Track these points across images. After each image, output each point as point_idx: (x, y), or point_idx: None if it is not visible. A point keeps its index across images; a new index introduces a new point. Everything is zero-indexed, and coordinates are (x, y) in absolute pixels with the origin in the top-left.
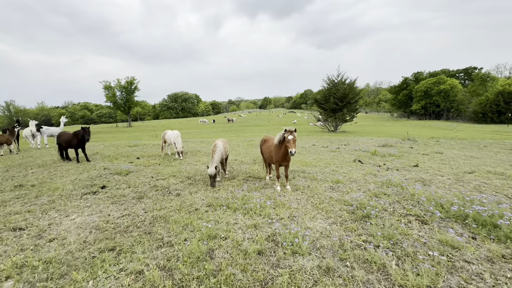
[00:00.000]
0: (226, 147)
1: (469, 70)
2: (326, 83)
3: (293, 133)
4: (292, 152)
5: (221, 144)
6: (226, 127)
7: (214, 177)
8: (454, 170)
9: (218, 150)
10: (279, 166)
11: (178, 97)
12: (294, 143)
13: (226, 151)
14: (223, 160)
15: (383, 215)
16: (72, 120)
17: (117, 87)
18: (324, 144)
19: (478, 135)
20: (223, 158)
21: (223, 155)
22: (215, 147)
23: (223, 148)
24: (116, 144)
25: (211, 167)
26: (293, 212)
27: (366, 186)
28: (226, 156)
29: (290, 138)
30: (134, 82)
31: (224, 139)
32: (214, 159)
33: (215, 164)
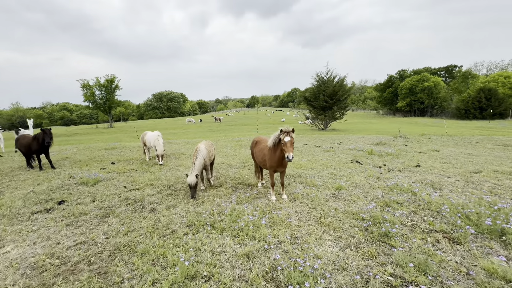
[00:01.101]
0: (211, 151)
1: (450, 68)
2: (315, 80)
3: (290, 134)
4: (289, 157)
5: (205, 147)
6: (213, 126)
7: (194, 187)
8: (458, 170)
9: (201, 155)
10: (274, 172)
11: (164, 97)
12: (291, 146)
13: (211, 155)
14: (207, 166)
15: (403, 230)
16: (51, 122)
17: (96, 85)
18: (316, 143)
19: (465, 131)
20: (206, 164)
21: (206, 160)
22: (197, 151)
23: (206, 152)
24: (92, 147)
25: (190, 176)
26: (294, 231)
27: (372, 192)
28: (211, 161)
29: (287, 140)
30: (115, 80)
31: (208, 142)
32: (195, 165)
33: (196, 171)
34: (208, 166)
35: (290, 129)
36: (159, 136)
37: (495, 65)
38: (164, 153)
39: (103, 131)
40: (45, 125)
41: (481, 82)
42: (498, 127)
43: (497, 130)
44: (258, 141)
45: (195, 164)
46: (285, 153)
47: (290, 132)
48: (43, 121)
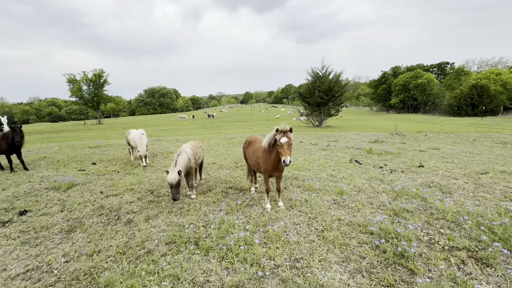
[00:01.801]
0: (197, 153)
1: (442, 65)
2: (311, 76)
3: (287, 134)
4: (286, 161)
5: (190, 149)
6: (206, 123)
7: (176, 186)
8: (463, 170)
9: (184, 153)
10: (269, 177)
11: (156, 92)
12: (289, 148)
13: (198, 158)
14: (192, 170)
15: (420, 247)
16: (38, 118)
17: (83, 80)
18: (312, 140)
19: (460, 128)
20: (192, 166)
21: (191, 161)
22: (181, 150)
23: (192, 153)
24: (75, 145)
25: (171, 173)
26: (293, 250)
27: (378, 198)
28: (198, 163)
29: (284, 141)
30: (103, 75)
31: (196, 143)
32: (178, 162)
33: (178, 167)
34: (193, 169)
35: (287, 128)
36: (143, 135)
37: (485, 62)
38: (147, 153)
39: (91, 128)
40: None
41: (473, 79)
42: (490, 124)
43: (490, 127)
44: (252, 141)
45: (178, 161)
46: (282, 156)
47: (287, 131)
48: (30, 117)
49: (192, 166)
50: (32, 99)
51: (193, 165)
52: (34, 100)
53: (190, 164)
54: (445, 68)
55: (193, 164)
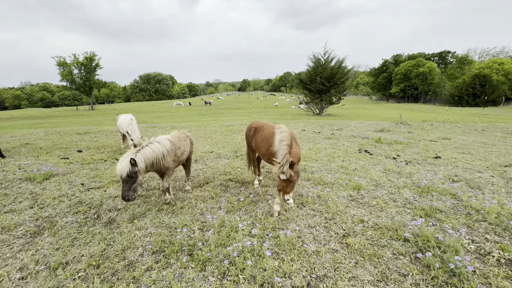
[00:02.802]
0: (181, 147)
1: (443, 54)
2: (312, 62)
3: (287, 171)
4: (285, 198)
5: (168, 141)
6: (203, 110)
7: (127, 181)
8: (485, 162)
9: (156, 147)
10: None
11: (151, 78)
12: (289, 185)
13: (182, 153)
14: (169, 171)
15: (471, 261)
16: (30, 103)
17: (74, 63)
18: (314, 129)
19: (464, 118)
20: (166, 167)
21: (164, 160)
22: (150, 144)
23: (169, 147)
24: (63, 130)
25: (122, 161)
26: (313, 264)
27: (400, 194)
28: (181, 160)
29: (283, 178)
30: (95, 58)
31: (180, 133)
32: (140, 151)
33: (133, 155)
34: (170, 170)
35: (287, 159)
36: (133, 120)
37: (487, 52)
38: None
39: (83, 114)
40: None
41: (476, 68)
42: (493, 114)
43: (494, 117)
44: (258, 127)
45: (140, 151)
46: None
47: (286, 169)
48: (21, 102)
49: (168, 166)
50: (23, 84)
51: (170, 165)
52: (25, 85)
53: (164, 163)
54: (446, 57)
55: (170, 163)
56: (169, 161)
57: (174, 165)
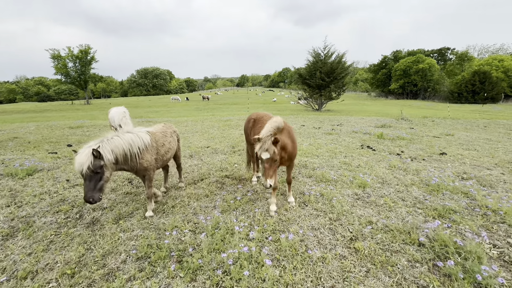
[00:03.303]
0: (165, 144)
1: (443, 51)
2: (312, 56)
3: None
4: (265, 184)
5: (148, 135)
6: (201, 105)
7: (91, 178)
8: (492, 159)
9: (131, 139)
10: (277, 167)
11: (149, 73)
12: (272, 165)
13: (167, 151)
14: (149, 172)
15: (496, 269)
16: (25, 97)
17: (68, 56)
18: (314, 124)
19: (464, 114)
20: (145, 167)
21: (142, 158)
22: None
23: (147, 142)
24: (55, 124)
25: (82, 152)
26: (319, 273)
27: (408, 192)
28: (166, 160)
29: (265, 157)
30: (90, 51)
31: (166, 127)
32: (109, 141)
33: (97, 143)
34: (151, 171)
35: (269, 131)
36: (126, 113)
37: (486, 49)
38: None
39: (78, 108)
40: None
41: (475, 65)
42: (493, 111)
43: (493, 113)
44: (257, 118)
45: (108, 140)
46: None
47: (269, 145)
48: (16, 96)
49: (147, 166)
50: (19, 78)
51: (149, 164)
52: (21, 78)
53: (142, 161)
54: (445, 53)
55: (151, 162)
56: (148, 159)
57: (156, 166)
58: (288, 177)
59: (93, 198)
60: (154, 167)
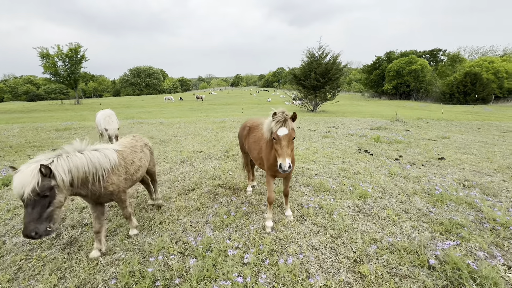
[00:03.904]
0: (134, 161)
1: (435, 52)
2: (307, 57)
3: (287, 122)
4: (283, 166)
5: (115, 152)
6: (194, 105)
7: (40, 199)
8: (491, 164)
9: (89, 158)
10: (273, 178)
11: (141, 72)
12: (289, 145)
13: (137, 169)
14: (120, 194)
15: None
16: (14, 96)
17: (58, 55)
18: (310, 126)
19: (458, 115)
20: (110, 191)
21: (105, 181)
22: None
23: (115, 159)
24: (41, 126)
25: (25, 169)
26: None
27: (411, 203)
28: (136, 180)
29: (282, 133)
30: (80, 50)
31: (135, 140)
32: (64, 155)
33: (48, 158)
34: (114, 193)
35: (287, 113)
36: (112, 115)
37: (476, 50)
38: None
39: (68, 108)
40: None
41: (467, 66)
42: (484, 112)
43: (485, 115)
44: (252, 126)
45: (65, 157)
46: (278, 157)
47: (287, 119)
48: (4, 95)
49: (114, 191)
50: (6, 76)
51: (116, 188)
52: (9, 77)
53: (107, 185)
54: (437, 55)
55: (119, 184)
56: (115, 182)
57: (125, 187)
58: (286, 189)
59: (37, 231)
60: (123, 189)
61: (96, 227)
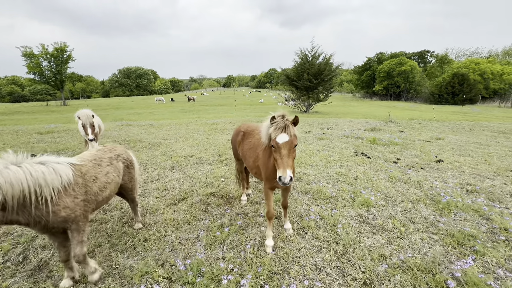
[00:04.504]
0: (99, 177)
1: (423, 53)
2: (299, 57)
3: (288, 128)
4: (283, 179)
5: (70, 169)
6: (186, 106)
7: None
8: (489, 166)
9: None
10: (272, 190)
11: (132, 73)
12: (290, 154)
13: (104, 186)
14: (79, 225)
15: None
16: None
17: (43, 55)
18: (303, 127)
19: (448, 116)
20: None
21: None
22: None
23: (68, 175)
24: (22, 129)
25: None
26: None
27: (417, 211)
28: (107, 196)
29: (282, 141)
30: (66, 49)
31: (104, 153)
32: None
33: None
34: (68, 220)
35: (288, 117)
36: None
37: (462, 52)
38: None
39: (53, 110)
40: None
41: (455, 67)
42: (472, 112)
43: (474, 115)
44: (247, 132)
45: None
46: (277, 168)
47: (287, 125)
48: None
49: (67, 216)
50: None
51: (71, 213)
52: None
53: (57, 210)
54: (425, 56)
55: (74, 210)
56: (69, 204)
57: (85, 211)
58: (284, 200)
59: None
60: (81, 214)
61: (63, 256)
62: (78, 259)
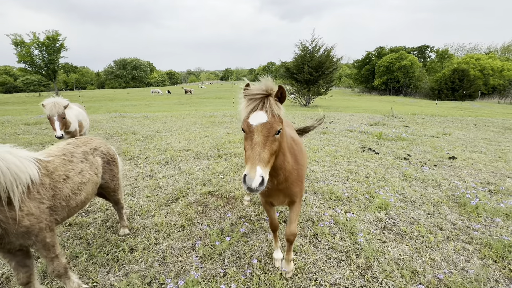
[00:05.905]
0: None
1: (423, 48)
2: (299, 49)
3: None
4: (248, 180)
5: (36, 169)
6: (183, 99)
7: None
8: (505, 164)
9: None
10: (269, 205)
11: (127, 64)
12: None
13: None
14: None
15: None
16: None
17: (34, 43)
18: (305, 121)
19: (448, 111)
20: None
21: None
22: None
23: (32, 173)
24: (9, 120)
25: None
26: None
27: (442, 215)
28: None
29: (255, 122)
30: (59, 38)
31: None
32: None
33: None
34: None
35: (271, 86)
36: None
37: (462, 47)
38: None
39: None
40: None
41: (455, 62)
42: (473, 108)
43: (474, 111)
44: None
45: None
46: (245, 162)
47: (266, 97)
48: None
49: (33, 228)
50: None
51: (37, 222)
52: None
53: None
54: (425, 51)
55: (39, 218)
56: (33, 211)
57: (53, 220)
58: (291, 227)
59: None
60: (48, 224)
61: (23, 278)
62: (59, 273)
